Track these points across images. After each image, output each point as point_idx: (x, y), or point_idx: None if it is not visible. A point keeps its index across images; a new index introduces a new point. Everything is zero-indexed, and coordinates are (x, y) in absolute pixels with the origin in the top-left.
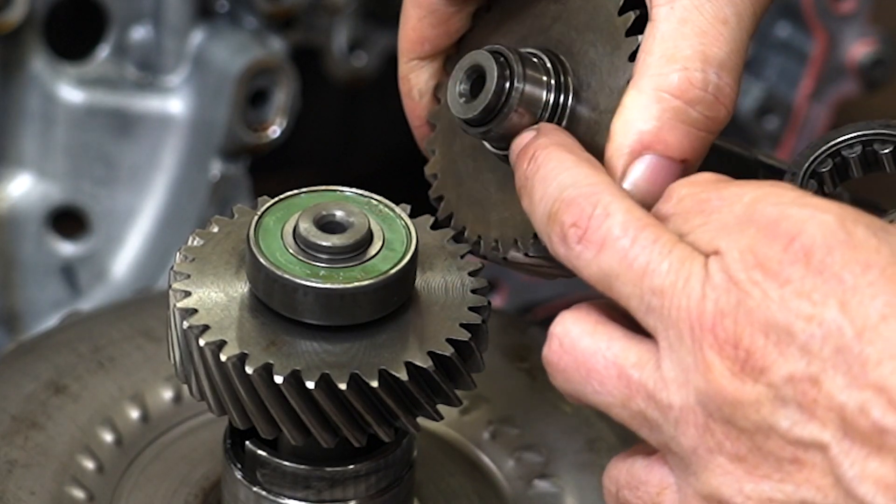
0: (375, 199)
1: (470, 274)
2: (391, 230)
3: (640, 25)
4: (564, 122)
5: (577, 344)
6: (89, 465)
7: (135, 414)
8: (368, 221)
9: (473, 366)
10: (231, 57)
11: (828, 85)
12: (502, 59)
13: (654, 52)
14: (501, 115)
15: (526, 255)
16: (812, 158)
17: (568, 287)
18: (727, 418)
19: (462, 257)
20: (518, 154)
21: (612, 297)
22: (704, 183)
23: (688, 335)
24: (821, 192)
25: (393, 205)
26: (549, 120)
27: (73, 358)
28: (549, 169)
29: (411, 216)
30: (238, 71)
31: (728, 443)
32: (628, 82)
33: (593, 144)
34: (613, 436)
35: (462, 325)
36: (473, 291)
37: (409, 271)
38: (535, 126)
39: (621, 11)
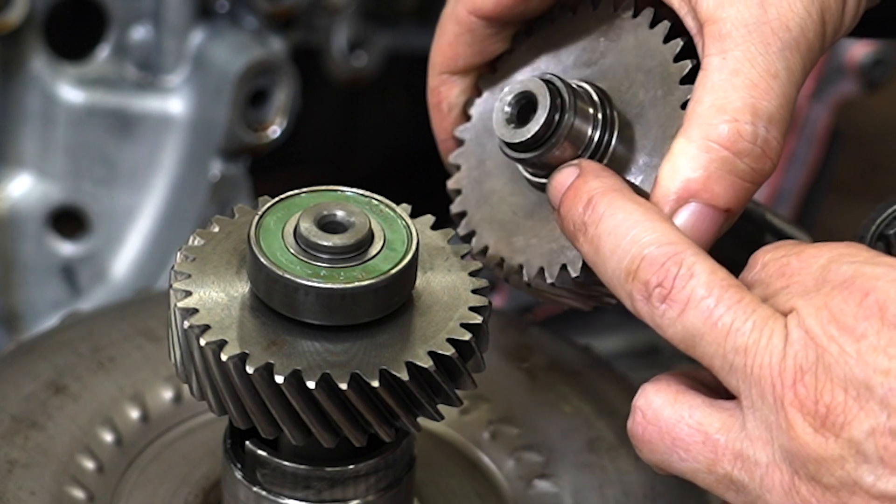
0: (376, 199)
1: (470, 274)
2: (392, 230)
3: (694, 75)
4: (606, 160)
5: (660, 414)
6: (89, 465)
7: (135, 414)
8: (369, 221)
9: (474, 366)
10: (231, 57)
11: (828, 85)
12: (554, 88)
13: (704, 101)
14: (549, 144)
15: (552, 284)
16: (879, 221)
17: None
18: (812, 475)
19: (463, 258)
20: (567, 195)
21: (694, 356)
22: (785, 247)
23: (770, 393)
24: (888, 253)
25: (393, 205)
26: (592, 155)
27: (73, 358)
28: (619, 221)
29: (412, 216)
30: (238, 71)
31: (814, 500)
32: (678, 130)
33: (634, 187)
34: (613, 436)
35: (463, 325)
36: (474, 291)
37: (410, 271)
38: (575, 162)
39: (677, 59)
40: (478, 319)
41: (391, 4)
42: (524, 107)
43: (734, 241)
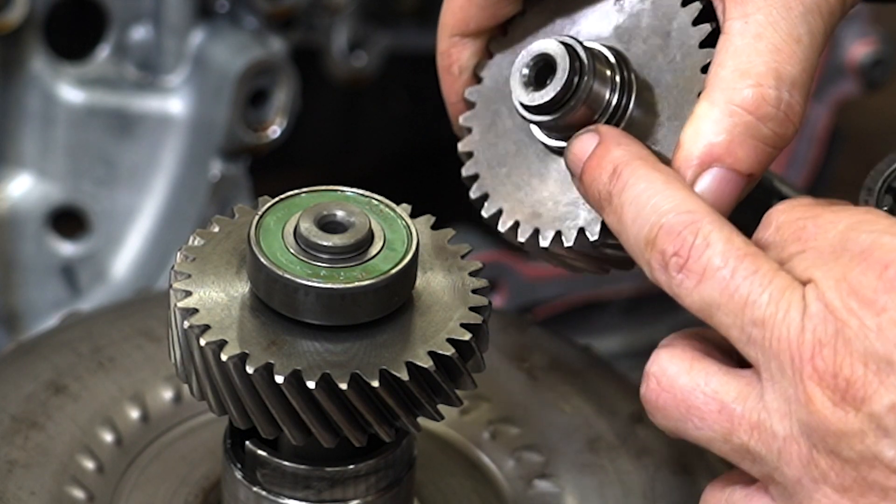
0: (376, 199)
1: (470, 274)
2: (392, 230)
3: (713, 38)
4: (623, 124)
5: (675, 382)
6: (89, 465)
7: (135, 414)
8: (369, 221)
9: (474, 366)
10: (231, 57)
11: (828, 85)
12: (572, 50)
13: (727, 65)
14: (567, 107)
15: (569, 248)
16: (887, 174)
17: (568, 288)
18: (831, 449)
19: (463, 257)
20: (590, 164)
21: (712, 325)
22: (802, 208)
23: (788, 366)
24: None
25: (393, 205)
26: (610, 118)
27: (73, 358)
28: (641, 189)
29: (412, 216)
30: (238, 71)
31: (833, 473)
32: (699, 94)
33: (654, 152)
34: (613, 436)
35: (463, 325)
36: (474, 291)
37: (410, 271)
38: (593, 128)
39: (696, 22)
40: (478, 319)
41: (391, 4)
42: (542, 69)
43: (741, 204)
